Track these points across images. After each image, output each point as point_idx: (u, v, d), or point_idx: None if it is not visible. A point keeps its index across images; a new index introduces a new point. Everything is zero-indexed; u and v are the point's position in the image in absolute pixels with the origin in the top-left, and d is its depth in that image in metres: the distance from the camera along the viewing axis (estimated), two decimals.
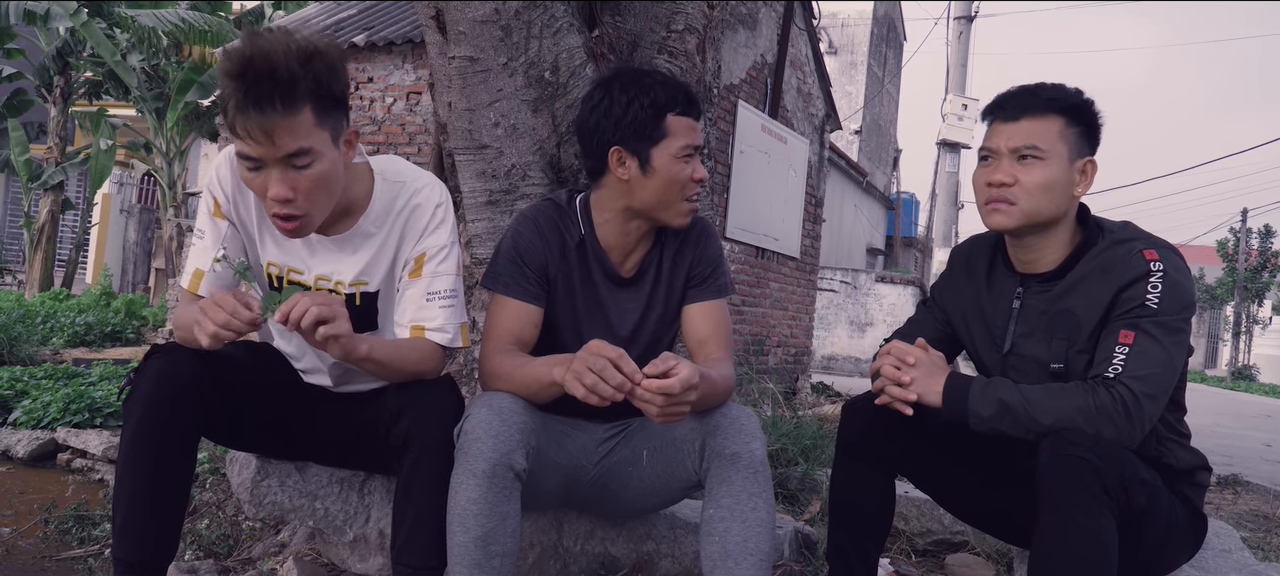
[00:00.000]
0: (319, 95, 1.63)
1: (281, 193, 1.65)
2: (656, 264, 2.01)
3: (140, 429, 1.67)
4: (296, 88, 1.59)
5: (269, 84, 1.57)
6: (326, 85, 1.64)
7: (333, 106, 1.68)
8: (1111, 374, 1.67)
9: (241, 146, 1.64)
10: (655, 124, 1.87)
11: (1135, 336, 1.68)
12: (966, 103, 13.18)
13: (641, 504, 2.05)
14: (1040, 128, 1.80)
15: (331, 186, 1.72)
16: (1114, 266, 1.74)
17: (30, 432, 3.72)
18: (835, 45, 21.23)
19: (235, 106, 1.58)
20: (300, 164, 1.65)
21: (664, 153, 1.88)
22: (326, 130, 1.67)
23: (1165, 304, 1.69)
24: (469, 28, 2.59)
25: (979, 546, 2.75)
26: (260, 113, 1.58)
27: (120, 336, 8.94)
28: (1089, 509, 1.57)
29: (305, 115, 1.62)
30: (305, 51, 1.61)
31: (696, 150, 1.92)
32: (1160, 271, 1.70)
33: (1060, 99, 1.81)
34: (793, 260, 9.31)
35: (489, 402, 1.73)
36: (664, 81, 1.93)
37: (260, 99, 1.57)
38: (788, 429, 3.79)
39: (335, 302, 1.64)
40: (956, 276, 2.02)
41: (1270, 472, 6.07)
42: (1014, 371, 1.89)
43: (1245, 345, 34.48)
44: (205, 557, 2.47)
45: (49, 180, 13.02)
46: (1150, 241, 1.76)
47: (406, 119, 7.66)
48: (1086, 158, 1.82)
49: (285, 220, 1.69)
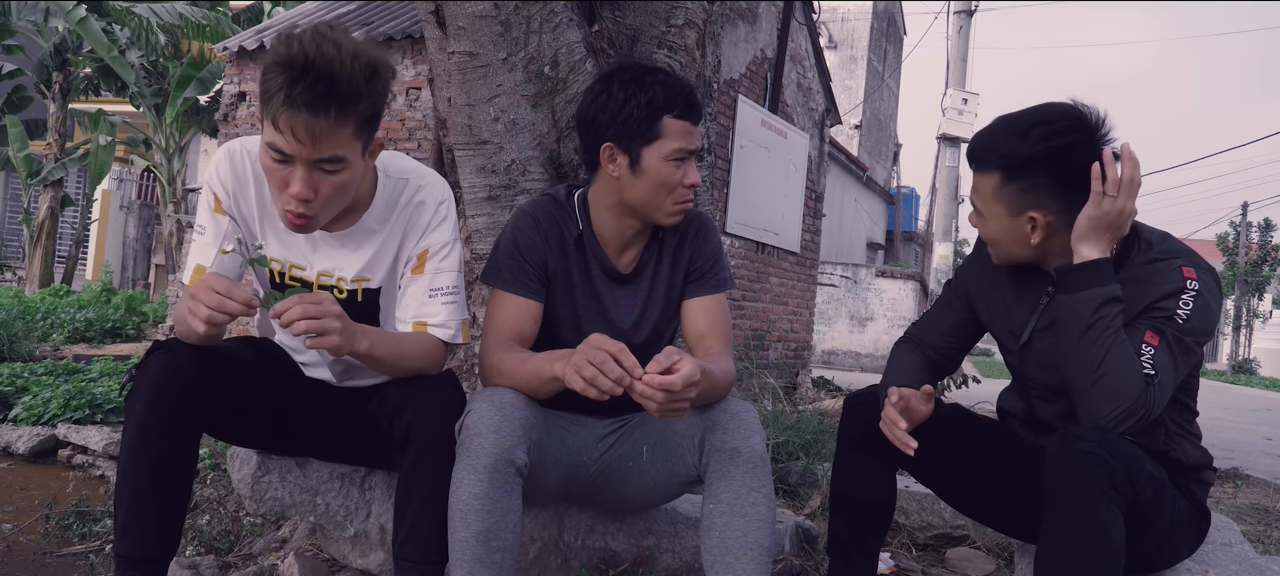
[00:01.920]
0: (368, 113, 1.64)
1: (303, 192, 1.65)
2: (655, 260, 2.01)
3: (142, 425, 1.67)
4: (355, 103, 1.59)
5: (329, 90, 1.56)
6: (377, 104, 1.65)
7: (373, 122, 1.69)
8: (1150, 371, 1.66)
9: (276, 139, 1.61)
10: (650, 124, 1.85)
11: (1160, 341, 1.68)
12: (967, 97, 13.18)
13: (642, 499, 2.05)
14: (979, 183, 1.81)
15: (349, 193, 1.73)
16: (1152, 279, 1.72)
17: (31, 429, 3.73)
18: (835, 40, 21.22)
19: (284, 100, 1.56)
20: (329, 169, 1.65)
21: (655, 154, 1.86)
22: (361, 141, 1.68)
23: (1190, 322, 1.68)
24: (468, 23, 2.58)
25: (980, 540, 2.75)
26: (311, 115, 1.57)
27: (120, 332, 8.94)
28: (1097, 502, 1.57)
29: (349, 126, 1.62)
30: (371, 68, 1.61)
31: (691, 154, 1.89)
32: (1195, 291, 1.69)
33: (994, 155, 1.75)
34: (793, 255, 9.31)
35: (490, 398, 1.73)
36: (666, 81, 1.89)
37: (314, 102, 1.56)
38: (788, 423, 3.80)
39: (328, 310, 1.63)
40: (982, 262, 2.01)
41: (1270, 466, 6.07)
42: (1031, 364, 1.89)
43: (1245, 339, 34.51)
44: (206, 553, 2.48)
45: (48, 176, 13.02)
46: (1192, 260, 1.74)
47: (406, 114, 7.65)
48: (1029, 213, 1.74)
49: (298, 217, 1.69)
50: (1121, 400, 1.63)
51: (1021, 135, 1.72)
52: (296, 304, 1.61)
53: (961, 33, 13.47)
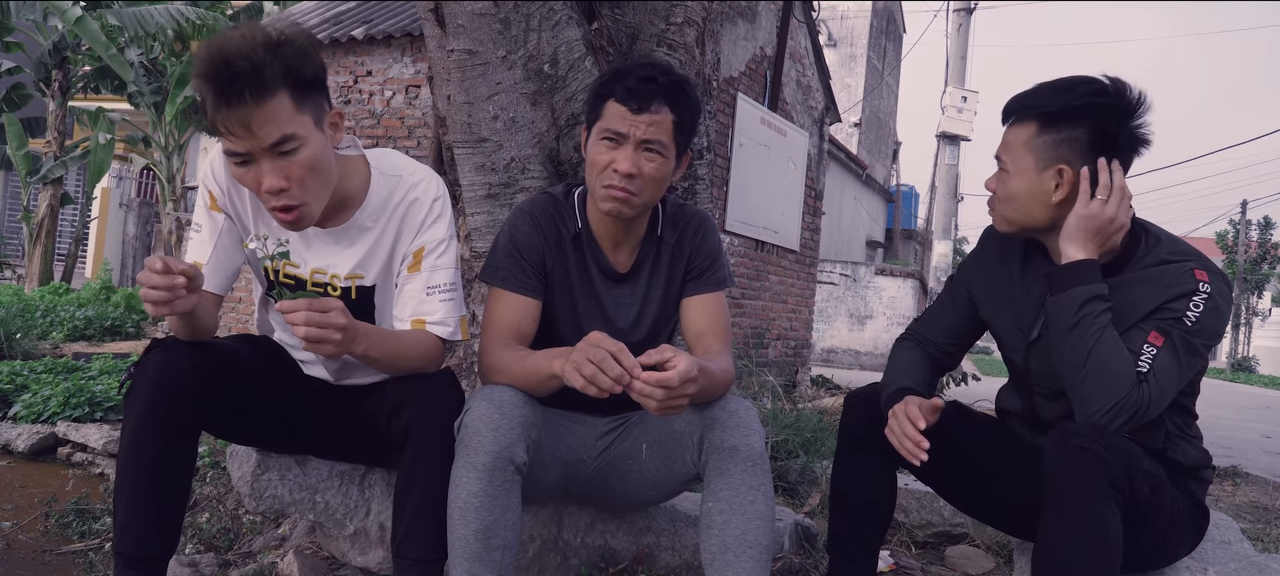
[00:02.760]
0: (292, 80, 1.63)
1: (275, 183, 1.65)
2: (653, 258, 2.01)
3: (142, 424, 1.67)
4: (263, 75, 1.59)
5: (234, 77, 1.57)
6: (297, 70, 1.64)
7: (309, 90, 1.68)
8: (1144, 369, 1.67)
9: (227, 143, 1.64)
10: (597, 105, 1.88)
11: (1165, 342, 1.68)
12: (966, 95, 13.19)
13: (641, 497, 2.05)
14: (1011, 136, 1.81)
15: (323, 171, 1.72)
16: (1163, 280, 1.72)
17: (30, 427, 3.73)
18: (835, 38, 21.22)
19: (211, 105, 1.59)
20: (287, 150, 1.65)
21: (594, 135, 1.88)
22: (307, 114, 1.67)
23: (1199, 325, 1.69)
24: (468, 21, 2.58)
25: (979, 538, 2.76)
26: (231, 107, 1.58)
27: (120, 330, 8.94)
28: (1094, 500, 1.57)
29: (282, 101, 1.62)
30: (270, 40, 1.62)
31: (623, 139, 1.83)
32: (1206, 294, 1.69)
33: (1036, 105, 1.78)
34: (792, 253, 9.31)
35: (489, 396, 1.73)
36: (627, 68, 1.88)
37: (229, 93, 1.58)
38: (788, 421, 3.80)
39: (333, 322, 1.63)
40: (987, 258, 2.00)
41: (1269, 464, 6.08)
42: (1036, 360, 1.89)
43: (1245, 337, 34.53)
44: (206, 551, 2.48)
45: (48, 175, 13.01)
46: (1203, 263, 1.74)
47: (405, 112, 7.65)
48: (1057, 165, 1.75)
49: (284, 211, 1.69)
50: (1111, 395, 1.63)
51: (1067, 88, 1.76)
52: (304, 308, 1.61)
53: (961, 30, 13.48)
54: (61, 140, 13.36)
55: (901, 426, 1.80)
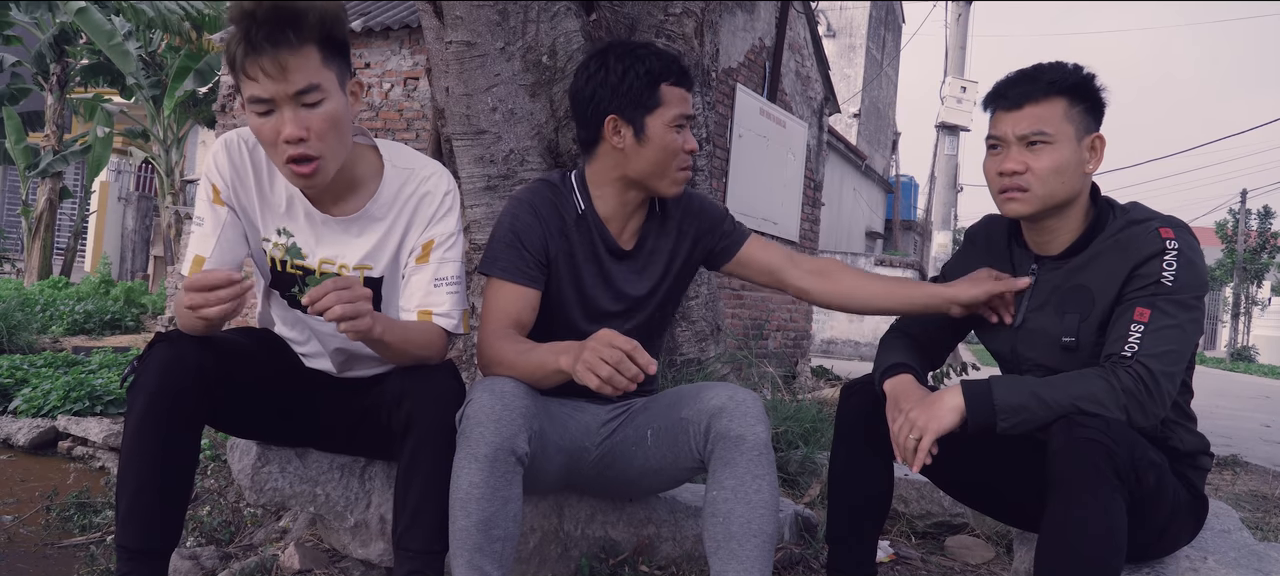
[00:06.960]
0: (325, 35, 1.66)
1: (295, 132, 1.66)
2: (655, 233, 2.05)
3: (145, 417, 1.67)
4: (305, 20, 1.62)
5: (279, 18, 1.60)
6: (331, 26, 1.67)
7: (337, 50, 1.71)
8: (1128, 353, 1.67)
9: (253, 88, 1.65)
10: (650, 92, 1.90)
11: (1151, 314, 1.68)
12: (965, 85, 13.18)
13: (644, 484, 2.06)
14: (1045, 112, 1.79)
15: (342, 130, 1.73)
16: (1130, 244, 1.74)
17: (31, 420, 3.73)
18: (833, 28, 21.17)
19: (247, 46, 1.61)
20: (311, 101, 1.66)
21: (658, 121, 1.91)
22: (333, 71, 1.69)
23: (1180, 281, 1.69)
24: (466, 12, 2.58)
25: (978, 528, 2.76)
26: (274, 46, 1.61)
27: (119, 324, 8.95)
28: (1101, 490, 1.57)
29: (313, 53, 1.65)
30: None
31: (688, 120, 1.97)
32: (1176, 249, 1.71)
33: (1061, 80, 1.80)
34: (792, 244, 9.30)
35: (491, 387, 1.73)
36: (657, 52, 1.96)
37: (273, 32, 1.60)
38: (788, 412, 3.79)
39: (359, 293, 1.63)
40: (973, 254, 2.02)
41: (1269, 453, 6.08)
42: (1024, 345, 1.89)
43: (1244, 326, 34.53)
44: (207, 544, 2.48)
45: (47, 169, 13.00)
46: (1165, 220, 1.76)
47: (404, 105, 7.64)
48: (1093, 133, 1.82)
49: (300, 163, 1.69)
50: (1107, 404, 1.64)
51: (1065, 66, 1.81)
52: (331, 289, 1.60)
53: (960, 21, 13.45)
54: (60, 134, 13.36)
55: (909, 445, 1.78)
